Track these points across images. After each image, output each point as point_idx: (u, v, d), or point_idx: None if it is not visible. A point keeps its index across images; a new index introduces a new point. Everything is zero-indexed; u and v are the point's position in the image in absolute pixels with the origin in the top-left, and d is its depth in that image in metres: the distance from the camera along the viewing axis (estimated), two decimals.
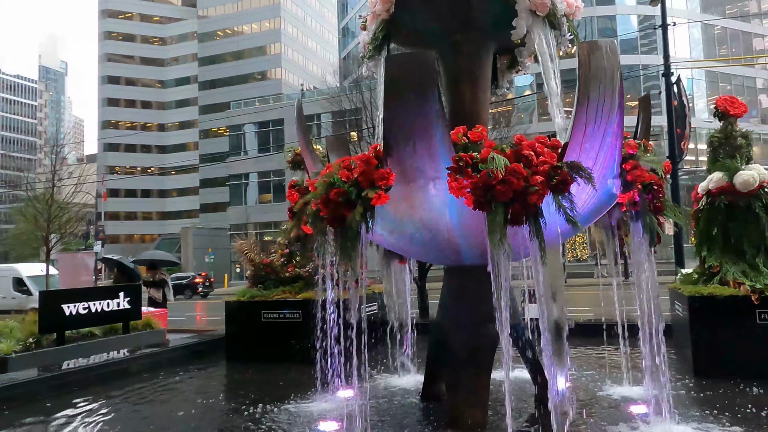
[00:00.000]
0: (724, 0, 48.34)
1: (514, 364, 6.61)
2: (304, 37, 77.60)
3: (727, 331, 6.18)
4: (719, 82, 45.23)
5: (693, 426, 4.57)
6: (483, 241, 4.62)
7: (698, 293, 6.40)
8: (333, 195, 4.29)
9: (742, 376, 5.92)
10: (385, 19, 5.11)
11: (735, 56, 45.82)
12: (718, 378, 5.94)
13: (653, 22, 42.60)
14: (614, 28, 44.20)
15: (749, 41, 47.30)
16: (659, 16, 42.49)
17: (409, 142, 4.13)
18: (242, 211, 50.47)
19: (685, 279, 7.40)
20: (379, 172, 4.18)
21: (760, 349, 6.03)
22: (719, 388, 5.68)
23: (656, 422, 4.56)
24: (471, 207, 4.00)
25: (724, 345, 6.18)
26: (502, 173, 3.81)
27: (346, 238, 4.33)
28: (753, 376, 5.86)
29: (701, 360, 6.25)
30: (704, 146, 8.55)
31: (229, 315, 8.45)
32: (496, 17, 5.08)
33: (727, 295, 6.22)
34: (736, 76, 45.60)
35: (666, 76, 17.54)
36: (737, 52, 47.16)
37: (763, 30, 48.85)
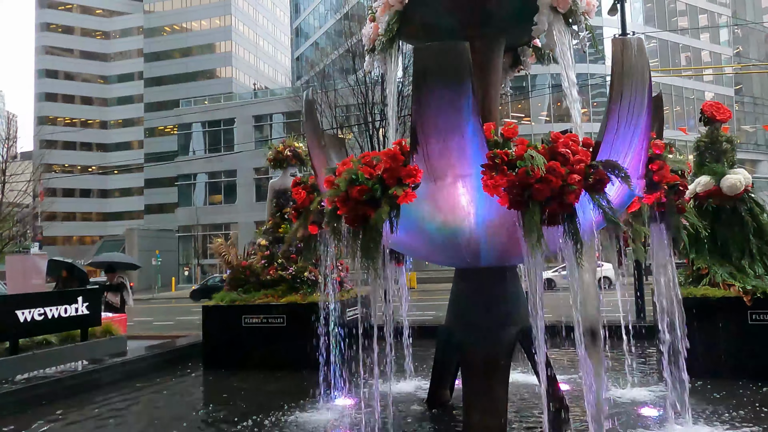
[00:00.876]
0: (663, 14, 50.42)
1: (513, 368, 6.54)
2: (256, 36, 76.26)
3: (721, 332, 6.27)
4: (671, 92, 47.22)
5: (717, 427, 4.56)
6: (506, 241, 4.51)
7: (691, 295, 6.48)
8: (355, 193, 4.04)
9: (738, 375, 6.02)
10: (399, 11, 4.90)
11: (674, 67, 48.00)
12: (714, 378, 6.01)
13: (600, 32, 44.14)
14: None
15: (686, 53, 49.59)
16: (605, 27, 43.99)
17: (440, 137, 3.94)
18: (191, 212, 49.00)
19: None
20: (406, 168, 3.97)
21: (753, 349, 6.15)
22: (720, 388, 5.75)
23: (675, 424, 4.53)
24: (505, 206, 3.83)
25: (719, 345, 6.27)
26: (542, 171, 3.66)
27: (369, 238, 4.09)
28: (748, 376, 5.97)
29: (696, 360, 6.31)
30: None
31: (207, 320, 8.01)
32: (511, 13, 4.97)
33: (719, 297, 6.32)
34: (674, 86, 47.67)
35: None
36: (676, 63, 49.41)
37: (699, 44, 51.32)
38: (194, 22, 73.16)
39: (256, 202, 48.63)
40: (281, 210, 8.56)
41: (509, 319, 4.87)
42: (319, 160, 4.77)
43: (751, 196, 7.03)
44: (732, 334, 6.27)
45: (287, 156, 8.46)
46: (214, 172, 50.11)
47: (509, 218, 4.17)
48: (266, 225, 8.68)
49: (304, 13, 64.58)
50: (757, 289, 6.27)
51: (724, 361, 6.18)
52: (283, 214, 8.52)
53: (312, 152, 4.82)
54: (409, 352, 6.40)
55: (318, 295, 7.80)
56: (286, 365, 7.40)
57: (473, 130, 3.86)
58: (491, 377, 4.65)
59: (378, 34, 5.31)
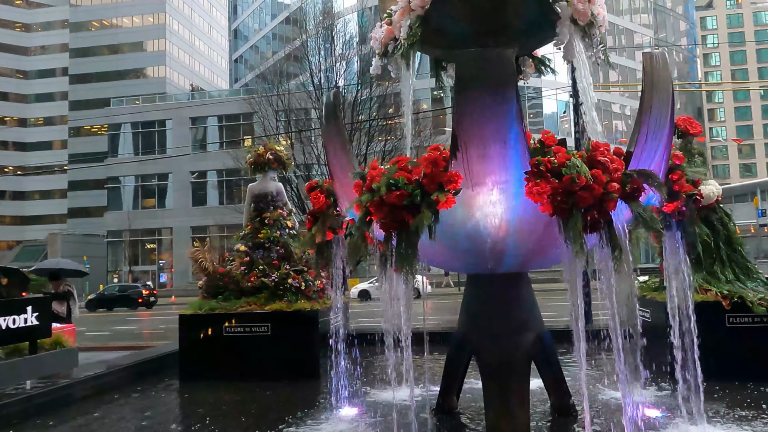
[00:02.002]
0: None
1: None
2: (192, 35, 73.98)
3: (702, 335, 6.58)
4: (602, 107, 49.57)
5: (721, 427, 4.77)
6: (532, 248, 4.57)
7: None
8: (394, 198, 3.97)
9: (719, 377, 6.33)
10: (420, 15, 4.86)
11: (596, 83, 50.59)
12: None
13: None
14: None
15: (606, 70, 52.31)
16: None
17: (481, 144, 3.94)
18: (122, 216, 46.80)
19: (646, 287, 7.83)
20: (447, 174, 3.94)
21: (731, 351, 6.49)
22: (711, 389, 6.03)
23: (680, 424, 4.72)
24: (546, 213, 3.87)
25: (699, 348, 6.57)
26: (586, 179, 3.73)
27: (406, 244, 4.03)
28: (729, 377, 6.30)
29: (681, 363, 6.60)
30: None
31: (185, 330, 7.62)
32: (526, 23, 5.04)
33: (699, 301, 6.63)
34: (602, 100, 50.23)
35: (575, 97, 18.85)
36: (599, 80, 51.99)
37: (623, 61, 54.08)
38: (125, 19, 70.12)
39: (192, 207, 47.13)
40: (261, 215, 8.30)
41: (527, 324, 4.91)
42: (342, 165, 4.65)
43: (721, 206, 7.46)
44: (711, 336, 6.59)
45: (269, 159, 8.22)
46: (146, 174, 48.14)
47: (540, 225, 4.23)
48: (245, 230, 8.39)
49: (243, 15, 63.40)
50: (734, 293, 6.63)
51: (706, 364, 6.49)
52: (263, 219, 8.27)
53: (334, 156, 4.69)
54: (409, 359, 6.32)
55: (304, 303, 7.62)
56: (272, 375, 7.15)
57: (515, 137, 3.89)
58: (512, 383, 4.67)
59: (391, 37, 5.26)
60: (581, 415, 5.29)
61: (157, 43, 68.76)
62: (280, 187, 8.46)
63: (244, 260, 8.00)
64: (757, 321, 6.53)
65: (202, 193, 48.18)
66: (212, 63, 76.20)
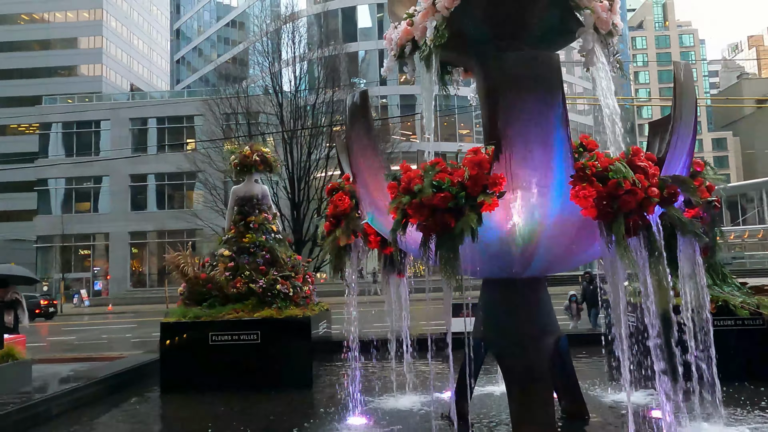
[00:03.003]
0: None
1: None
2: (130, 33, 71.07)
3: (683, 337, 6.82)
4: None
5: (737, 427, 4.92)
6: (561, 252, 4.59)
7: None
8: (438, 200, 3.89)
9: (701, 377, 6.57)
10: (446, 17, 4.82)
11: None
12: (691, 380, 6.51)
13: None
14: None
15: None
16: None
17: (526, 146, 3.92)
18: (53, 220, 44.20)
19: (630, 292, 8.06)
20: (492, 177, 3.90)
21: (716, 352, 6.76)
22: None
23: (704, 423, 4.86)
24: (588, 216, 3.89)
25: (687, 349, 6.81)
26: (631, 183, 3.77)
27: (448, 247, 3.95)
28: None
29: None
30: None
31: (167, 339, 7.22)
32: (545, 29, 5.09)
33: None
34: None
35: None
36: None
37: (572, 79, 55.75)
38: (58, 13, 66.49)
39: (131, 211, 45.17)
40: (245, 218, 8.01)
41: (547, 328, 4.94)
42: (369, 166, 4.52)
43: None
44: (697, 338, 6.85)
45: (255, 161, 7.94)
46: (81, 177, 45.73)
47: (573, 230, 4.27)
48: (228, 234, 8.07)
49: (186, 15, 61.64)
50: (718, 298, 6.92)
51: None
52: (248, 223, 7.98)
53: (360, 157, 4.55)
54: (412, 366, 6.24)
55: (295, 309, 7.39)
56: (262, 385, 6.88)
57: (560, 141, 3.89)
58: (536, 387, 4.67)
59: (408, 38, 5.20)
60: (594, 418, 5.37)
61: (92, 39, 65.51)
62: (266, 190, 8.20)
63: (228, 265, 7.68)
64: (740, 324, 6.83)
65: (142, 198, 46.29)
66: (151, 63, 73.50)
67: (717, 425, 4.86)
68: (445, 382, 6.96)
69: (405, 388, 6.33)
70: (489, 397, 6.24)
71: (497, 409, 5.75)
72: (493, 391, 6.39)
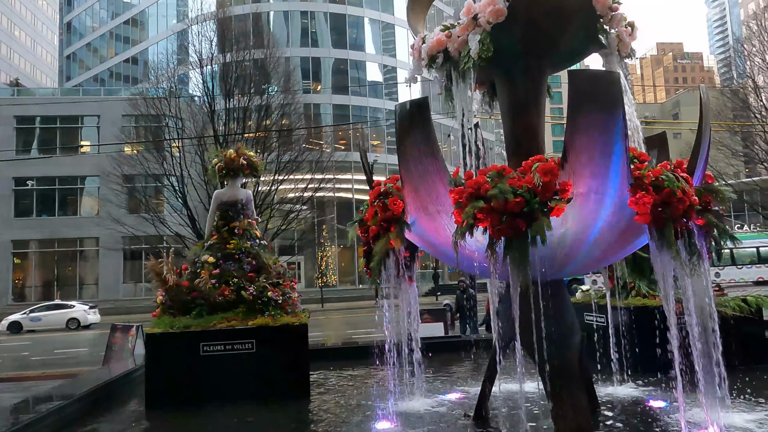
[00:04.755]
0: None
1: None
2: (11, 24, 64.90)
3: (659, 334, 7.50)
4: (442, 131, 52.86)
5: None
6: (599, 256, 4.95)
7: (631, 305, 7.65)
8: (512, 205, 4.08)
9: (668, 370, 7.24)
10: (487, 31, 5.04)
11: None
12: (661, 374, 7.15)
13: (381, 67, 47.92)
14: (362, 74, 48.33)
15: None
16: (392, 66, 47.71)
17: (590, 156, 4.22)
18: None
19: (594, 294, 8.70)
20: (561, 183, 4.15)
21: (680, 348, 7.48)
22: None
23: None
24: (641, 221, 4.26)
25: (656, 346, 7.48)
26: (681, 192, 4.19)
27: (520, 250, 4.15)
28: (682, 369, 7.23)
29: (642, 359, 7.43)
30: None
31: (154, 351, 6.78)
32: (570, 48, 5.48)
33: (657, 305, 7.57)
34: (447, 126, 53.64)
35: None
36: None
37: None
38: None
39: (14, 218, 41.12)
40: (229, 223, 7.73)
41: (574, 326, 5.28)
42: (425, 172, 4.61)
43: None
44: (665, 335, 7.54)
45: (242, 165, 7.69)
46: None
47: (615, 235, 4.65)
48: (210, 240, 7.73)
49: (79, 9, 57.50)
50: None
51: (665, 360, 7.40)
52: (232, 229, 7.71)
53: (417, 163, 4.63)
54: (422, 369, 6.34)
55: (288, 317, 7.23)
56: (258, 396, 6.66)
57: (620, 152, 4.23)
58: (572, 381, 4.97)
59: (440, 48, 5.37)
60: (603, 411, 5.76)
61: None
62: (250, 195, 7.96)
63: (213, 272, 7.37)
64: None
65: (27, 203, 42.33)
66: (36, 57, 67.63)
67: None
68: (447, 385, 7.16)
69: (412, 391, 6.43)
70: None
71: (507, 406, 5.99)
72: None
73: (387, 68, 48.69)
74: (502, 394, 6.24)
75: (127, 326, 10.35)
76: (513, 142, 5.52)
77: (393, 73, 48.78)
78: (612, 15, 5.06)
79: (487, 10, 4.95)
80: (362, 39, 48.65)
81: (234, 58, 30.72)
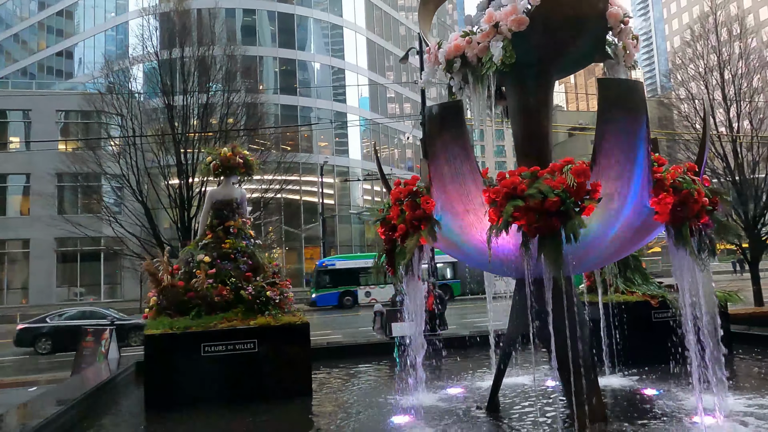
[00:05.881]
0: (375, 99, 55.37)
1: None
2: None
3: (636, 327, 7.97)
4: (380, 132, 52.99)
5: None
6: (610, 254, 5.28)
7: (612, 300, 8.09)
8: (550, 204, 4.31)
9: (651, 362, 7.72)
10: (509, 39, 5.26)
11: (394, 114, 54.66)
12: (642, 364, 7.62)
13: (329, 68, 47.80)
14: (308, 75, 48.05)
15: (409, 103, 57.06)
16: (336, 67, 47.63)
17: (617, 159, 4.51)
18: None
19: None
20: (591, 184, 4.42)
21: (658, 340, 7.97)
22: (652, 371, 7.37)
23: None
24: (660, 220, 4.60)
25: (634, 338, 7.96)
26: (700, 193, 4.55)
27: (554, 247, 4.38)
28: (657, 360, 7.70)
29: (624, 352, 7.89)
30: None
31: (154, 352, 6.61)
32: (577, 57, 5.80)
33: (636, 300, 8.08)
34: (393, 129, 54.08)
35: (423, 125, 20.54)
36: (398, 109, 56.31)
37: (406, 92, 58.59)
38: None
39: None
40: (224, 222, 7.63)
41: (584, 320, 5.58)
42: (457, 172, 4.78)
43: None
44: (642, 329, 8.04)
45: (238, 163, 7.60)
46: None
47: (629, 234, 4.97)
48: (204, 239, 7.60)
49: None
50: (658, 294, 8.20)
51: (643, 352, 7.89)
52: (227, 228, 7.61)
53: (449, 163, 4.79)
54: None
55: (288, 316, 7.22)
56: (262, 395, 6.64)
57: (643, 155, 4.55)
58: (588, 372, 5.26)
59: (458, 54, 5.57)
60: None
61: None
62: (244, 194, 7.87)
63: (209, 272, 7.26)
64: (675, 315, 8.12)
65: None
66: None
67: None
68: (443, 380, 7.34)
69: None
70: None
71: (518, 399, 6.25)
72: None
73: (334, 69, 48.64)
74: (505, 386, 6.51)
75: (99, 329, 9.96)
76: (523, 144, 5.78)
77: (340, 75, 48.80)
78: (622, 28, 5.40)
79: (509, 19, 5.17)
80: (309, 39, 48.40)
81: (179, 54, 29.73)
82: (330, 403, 6.62)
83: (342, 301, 32.00)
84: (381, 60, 54.43)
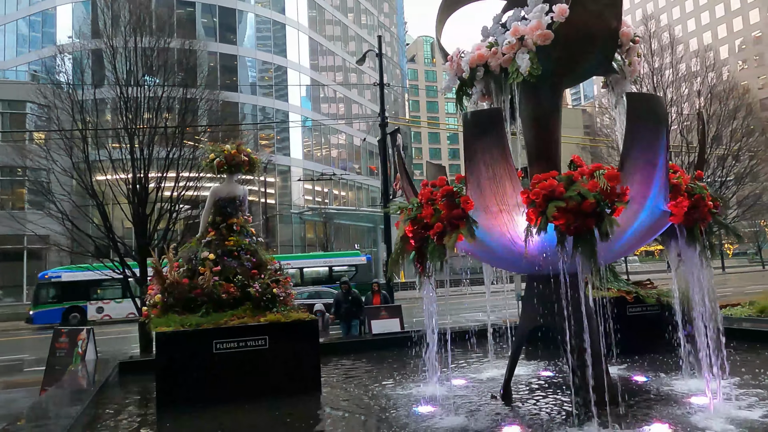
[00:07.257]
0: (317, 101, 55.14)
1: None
2: None
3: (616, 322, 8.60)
4: (330, 134, 53.30)
5: None
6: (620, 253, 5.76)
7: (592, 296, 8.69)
8: (586, 205, 4.72)
9: (630, 352, 8.39)
10: (534, 51, 5.64)
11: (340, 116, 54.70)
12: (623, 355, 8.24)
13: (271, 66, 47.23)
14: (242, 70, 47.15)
15: (350, 105, 57.21)
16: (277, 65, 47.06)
17: (643, 166, 4.98)
18: None
19: None
20: (621, 188, 4.86)
21: (632, 333, 8.64)
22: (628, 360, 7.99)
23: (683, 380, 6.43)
24: (673, 221, 5.11)
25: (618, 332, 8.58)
26: (708, 197, 5.10)
27: (590, 245, 4.79)
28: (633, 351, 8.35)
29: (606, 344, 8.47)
30: None
31: (165, 350, 6.52)
32: (584, 70, 6.27)
33: (613, 296, 8.71)
34: (342, 132, 54.29)
35: (382, 127, 20.79)
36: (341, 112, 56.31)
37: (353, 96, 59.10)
38: None
39: None
40: (227, 220, 7.61)
41: (593, 312, 6.05)
42: (497, 175, 5.10)
43: None
44: (619, 322, 8.68)
45: (242, 161, 7.60)
46: None
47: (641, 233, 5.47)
48: (207, 236, 7.55)
49: None
50: (632, 290, 8.88)
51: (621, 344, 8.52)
52: (230, 225, 7.61)
53: (488, 166, 5.09)
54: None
55: (295, 313, 7.31)
56: (272, 392, 6.71)
57: (662, 164, 5.04)
58: (598, 360, 5.72)
59: (481, 62, 5.92)
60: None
61: None
62: (246, 192, 7.86)
63: (214, 269, 7.24)
64: (647, 310, 8.86)
65: None
66: None
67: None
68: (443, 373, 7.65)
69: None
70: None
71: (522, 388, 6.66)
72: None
73: (276, 67, 48.09)
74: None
75: (75, 330, 9.58)
76: (536, 150, 6.19)
77: (280, 72, 48.27)
78: (631, 46, 5.91)
79: (535, 33, 5.57)
80: (251, 35, 47.61)
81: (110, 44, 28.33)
82: (340, 397, 6.78)
83: (67, 319, 28.16)
84: (324, 60, 54.32)
